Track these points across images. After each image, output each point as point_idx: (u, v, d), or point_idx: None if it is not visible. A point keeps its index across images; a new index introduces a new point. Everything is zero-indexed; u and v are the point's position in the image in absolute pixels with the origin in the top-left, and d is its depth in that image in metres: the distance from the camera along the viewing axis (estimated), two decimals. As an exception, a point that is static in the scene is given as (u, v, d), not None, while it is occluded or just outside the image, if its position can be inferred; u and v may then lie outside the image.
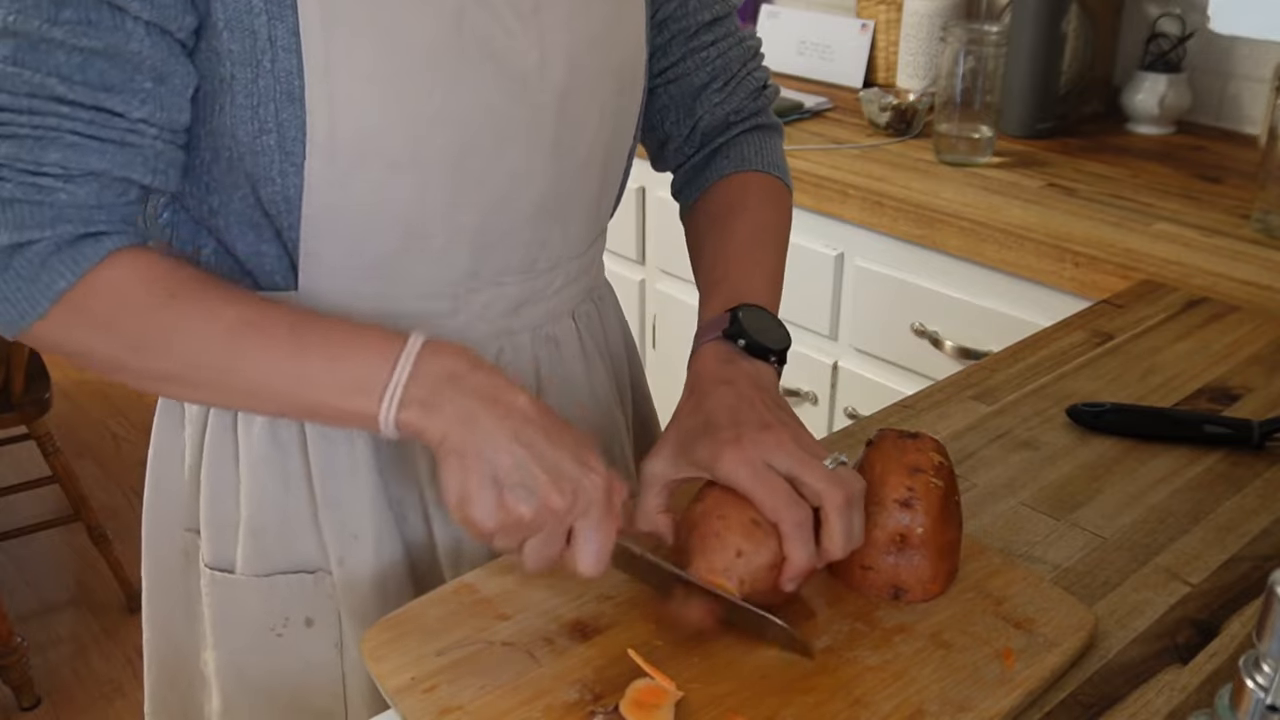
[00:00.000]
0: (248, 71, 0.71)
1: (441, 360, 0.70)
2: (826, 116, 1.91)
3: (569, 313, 0.91)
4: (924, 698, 0.67)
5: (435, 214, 0.78)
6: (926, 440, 0.77)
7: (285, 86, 0.71)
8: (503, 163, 0.79)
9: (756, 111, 0.97)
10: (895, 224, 1.56)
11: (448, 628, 0.73)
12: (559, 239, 0.86)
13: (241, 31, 0.70)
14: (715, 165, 0.96)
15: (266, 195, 0.75)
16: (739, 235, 0.91)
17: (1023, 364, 1.09)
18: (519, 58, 0.77)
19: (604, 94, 0.84)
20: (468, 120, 0.76)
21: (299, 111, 0.72)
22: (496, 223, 0.81)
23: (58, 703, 2.17)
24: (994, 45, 1.65)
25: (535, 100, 0.79)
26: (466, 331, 0.84)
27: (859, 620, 0.74)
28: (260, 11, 0.70)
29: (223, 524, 0.86)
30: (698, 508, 0.72)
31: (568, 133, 0.82)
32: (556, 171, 0.82)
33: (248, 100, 0.72)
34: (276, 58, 0.71)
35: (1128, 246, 1.37)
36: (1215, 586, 0.79)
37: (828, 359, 1.73)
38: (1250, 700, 0.54)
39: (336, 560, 0.84)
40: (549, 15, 0.78)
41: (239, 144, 0.73)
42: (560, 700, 0.67)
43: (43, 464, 2.31)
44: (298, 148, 0.73)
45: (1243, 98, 1.81)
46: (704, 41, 0.93)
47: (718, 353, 0.80)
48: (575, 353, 0.92)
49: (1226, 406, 1.02)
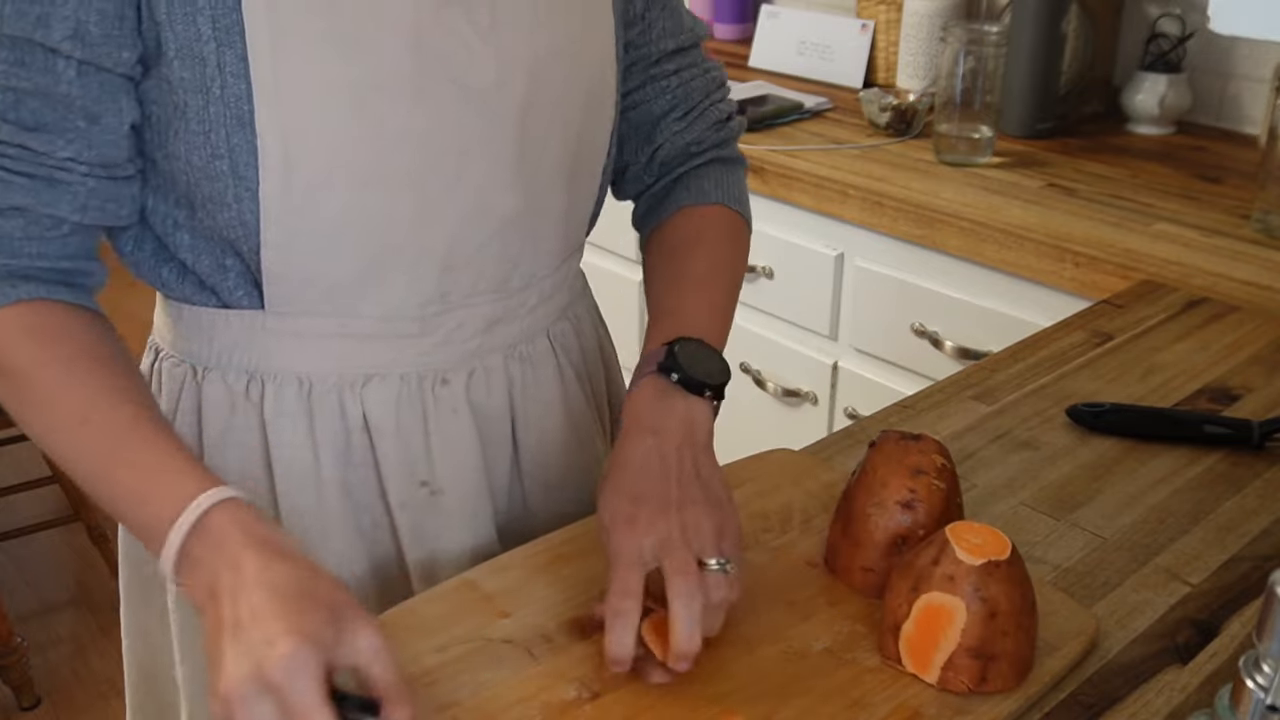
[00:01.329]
0: (198, 99, 0.71)
1: (221, 532, 0.65)
2: (826, 116, 1.91)
3: (544, 331, 0.90)
4: (922, 700, 0.67)
5: (400, 233, 0.78)
6: (929, 442, 0.77)
7: (235, 112, 0.71)
8: (467, 180, 0.79)
9: (719, 144, 0.95)
10: (895, 224, 1.55)
11: (448, 624, 0.73)
12: (530, 256, 0.85)
13: (191, 59, 0.71)
14: (674, 196, 0.94)
15: (223, 220, 0.75)
16: (692, 270, 0.89)
17: (1023, 364, 1.09)
18: (478, 74, 0.76)
19: (569, 110, 0.83)
20: (429, 138, 0.76)
21: (249, 136, 0.72)
22: (464, 240, 0.80)
23: (58, 703, 2.17)
24: (994, 45, 1.65)
25: (495, 115, 0.78)
26: (434, 354, 0.83)
27: (858, 622, 0.74)
28: (209, 39, 0.70)
29: None
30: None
31: (532, 148, 0.81)
32: (523, 187, 0.81)
33: (199, 126, 0.72)
34: (225, 84, 0.71)
35: (1128, 246, 1.37)
36: (1215, 586, 0.79)
37: (828, 359, 1.73)
38: (1250, 700, 0.54)
39: None
40: (508, 30, 0.77)
41: (193, 169, 0.74)
42: (558, 698, 0.67)
43: (43, 464, 2.31)
44: (251, 172, 0.73)
45: (1243, 98, 1.81)
46: (665, 70, 0.92)
47: (654, 389, 0.78)
48: (551, 374, 0.90)
49: (1226, 406, 1.02)
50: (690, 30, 0.93)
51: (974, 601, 0.66)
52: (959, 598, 0.66)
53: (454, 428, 0.85)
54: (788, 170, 1.67)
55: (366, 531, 0.85)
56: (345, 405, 0.82)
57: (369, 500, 0.84)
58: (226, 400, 0.82)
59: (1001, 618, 0.66)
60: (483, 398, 0.86)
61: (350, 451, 0.83)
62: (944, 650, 0.67)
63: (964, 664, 0.67)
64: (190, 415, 0.83)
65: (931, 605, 0.67)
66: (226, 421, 0.82)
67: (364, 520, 0.85)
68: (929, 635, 0.67)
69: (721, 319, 0.88)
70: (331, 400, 0.82)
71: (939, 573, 0.67)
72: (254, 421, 0.82)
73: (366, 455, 0.83)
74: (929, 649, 0.67)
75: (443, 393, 0.84)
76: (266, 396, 0.82)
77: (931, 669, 0.68)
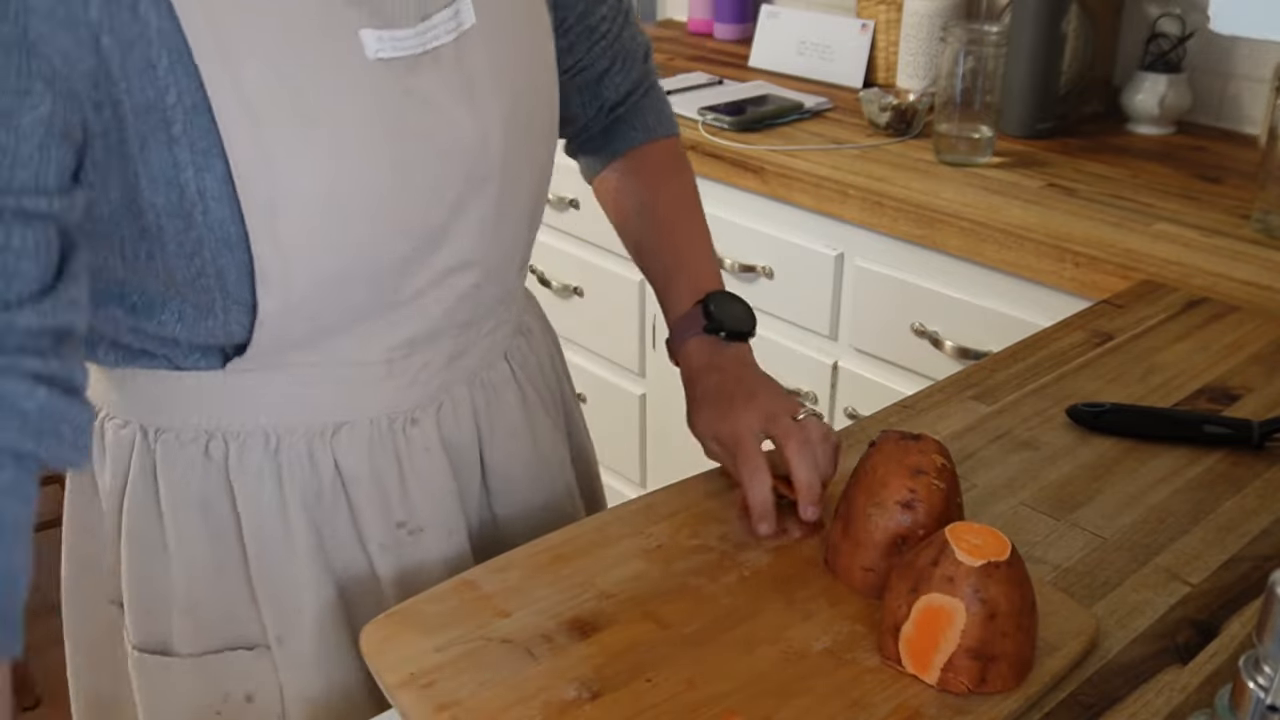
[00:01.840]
0: (177, 222, 0.69)
1: None
2: (826, 116, 1.91)
3: (502, 354, 0.90)
4: (922, 700, 0.67)
5: (376, 305, 0.77)
6: (929, 442, 0.77)
7: (220, 234, 0.69)
8: (450, 246, 0.78)
9: (647, 74, 1.02)
10: (895, 224, 1.55)
11: (447, 624, 0.73)
12: (492, 291, 0.85)
13: (166, 185, 0.67)
14: (621, 134, 1.01)
15: (208, 326, 0.73)
16: (674, 214, 0.99)
17: (1023, 364, 1.09)
18: (457, 138, 0.75)
19: (535, 145, 0.83)
20: (417, 218, 0.75)
21: (240, 256, 0.70)
22: (437, 294, 0.80)
23: (57, 703, 2.17)
24: (994, 45, 1.65)
25: (478, 175, 0.77)
26: (403, 395, 0.82)
27: (858, 622, 0.73)
28: (187, 165, 0.67)
29: (151, 605, 0.83)
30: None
31: (509, 200, 0.81)
32: (495, 236, 0.81)
33: (180, 250, 0.70)
34: (208, 209, 0.68)
35: (1128, 246, 1.37)
36: (1215, 586, 0.79)
37: (828, 359, 1.73)
38: (1250, 700, 0.54)
39: (276, 639, 0.82)
40: (479, 85, 0.76)
41: (176, 281, 0.71)
42: (558, 698, 0.67)
43: (42, 463, 2.31)
44: (242, 290, 0.71)
45: (1243, 98, 1.81)
46: (601, 33, 0.96)
47: (702, 345, 0.92)
48: (513, 395, 0.91)
49: (1226, 406, 1.02)
50: None
51: (973, 603, 0.66)
52: (958, 599, 0.66)
53: (428, 466, 0.84)
54: (788, 170, 1.67)
55: (340, 573, 0.83)
56: (315, 456, 0.80)
57: (345, 548, 0.83)
58: (185, 462, 0.79)
59: (1001, 619, 0.66)
60: (452, 431, 0.85)
61: (322, 503, 0.81)
62: (944, 651, 0.67)
63: (964, 665, 0.67)
64: (144, 479, 0.80)
65: (931, 606, 0.67)
66: (186, 484, 0.79)
67: (337, 565, 0.83)
68: (929, 636, 0.67)
69: (714, 256, 1.00)
70: (300, 452, 0.80)
71: (938, 574, 0.67)
72: (218, 481, 0.79)
73: (340, 504, 0.81)
74: (929, 650, 0.67)
75: (414, 432, 0.83)
76: (231, 454, 0.79)
77: (931, 670, 0.68)
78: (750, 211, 1.77)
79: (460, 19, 0.75)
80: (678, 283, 0.96)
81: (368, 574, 0.84)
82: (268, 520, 0.80)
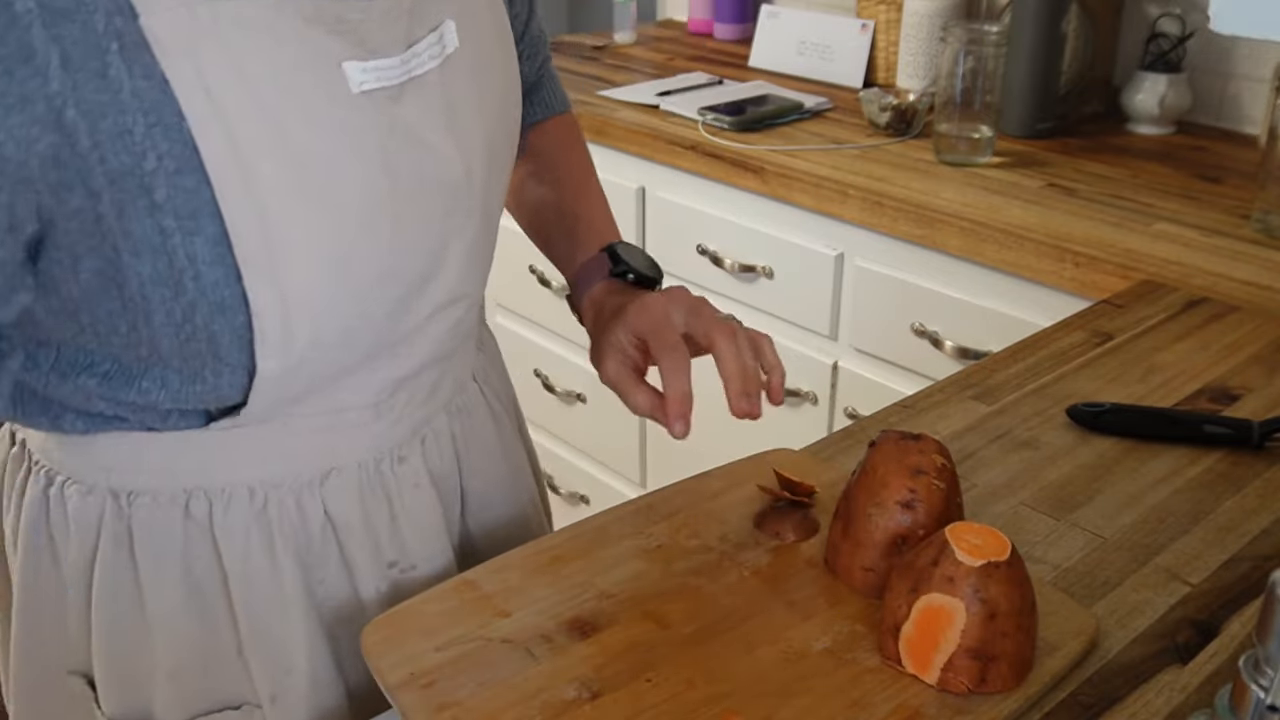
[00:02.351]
0: (165, 290, 0.64)
1: None
2: (826, 116, 1.91)
3: (470, 375, 0.89)
4: (922, 700, 0.67)
5: (375, 353, 0.75)
6: (928, 442, 0.77)
7: (214, 298, 0.65)
8: (441, 286, 0.77)
9: (548, 57, 1.03)
10: (895, 224, 1.55)
11: (447, 624, 0.73)
12: (473, 318, 0.85)
13: (153, 254, 0.63)
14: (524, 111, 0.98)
15: (192, 391, 0.70)
16: (576, 180, 0.99)
17: (1023, 364, 1.09)
18: (446, 171, 0.74)
19: (505, 168, 0.83)
20: (413, 259, 0.73)
21: (235, 318, 0.66)
22: (429, 336, 0.79)
23: None
24: (994, 45, 1.65)
25: (465, 209, 0.76)
26: (389, 434, 0.81)
27: (858, 621, 0.73)
28: (173, 231, 0.62)
29: (129, 673, 0.79)
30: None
31: (487, 229, 0.80)
32: (480, 265, 0.81)
33: (168, 318, 0.65)
34: (200, 274, 0.64)
35: (1128, 246, 1.37)
36: (1215, 586, 0.79)
37: (828, 359, 1.73)
38: (1250, 700, 0.54)
39: (269, 697, 0.79)
40: (460, 112, 0.74)
41: (161, 350, 0.67)
42: (558, 698, 0.67)
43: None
44: (235, 353, 0.67)
45: (1243, 98, 1.81)
46: (531, 33, 0.98)
47: (609, 290, 0.89)
48: (484, 415, 0.90)
49: (1226, 406, 1.02)
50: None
51: (974, 603, 0.66)
52: (958, 599, 0.66)
53: (417, 502, 0.83)
54: (788, 170, 1.67)
55: (331, 623, 0.81)
56: (304, 506, 0.77)
57: (336, 596, 0.81)
58: (165, 525, 0.75)
59: (1001, 619, 0.66)
60: (436, 462, 0.85)
61: (312, 552, 0.79)
62: (944, 651, 0.67)
63: (964, 665, 0.67)
64: (116, 547, 0.75)
65: (931, 606, 0.67)
66: (167, 548, 0.75)
67: (328, 614, 0.81)
68: (929, 636, 0.67)
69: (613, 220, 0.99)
70: (289, 504, 0.77)
71: (938, 574, 0.67)
72: (202, 541, 0.76)
73: (331, 552, 0.79)
74: (929, 650, 0.67)
75: (402, 470, 0.82)
76: (215, 512, 0.75)
77: (931, 670, 0.68)
78: (750, 211, 1.77)
79: (445, 43, 0.73)
80: (582, 237, 0.94)
81: (360, 619, 0.80)
82: (257, 576, 0.77)
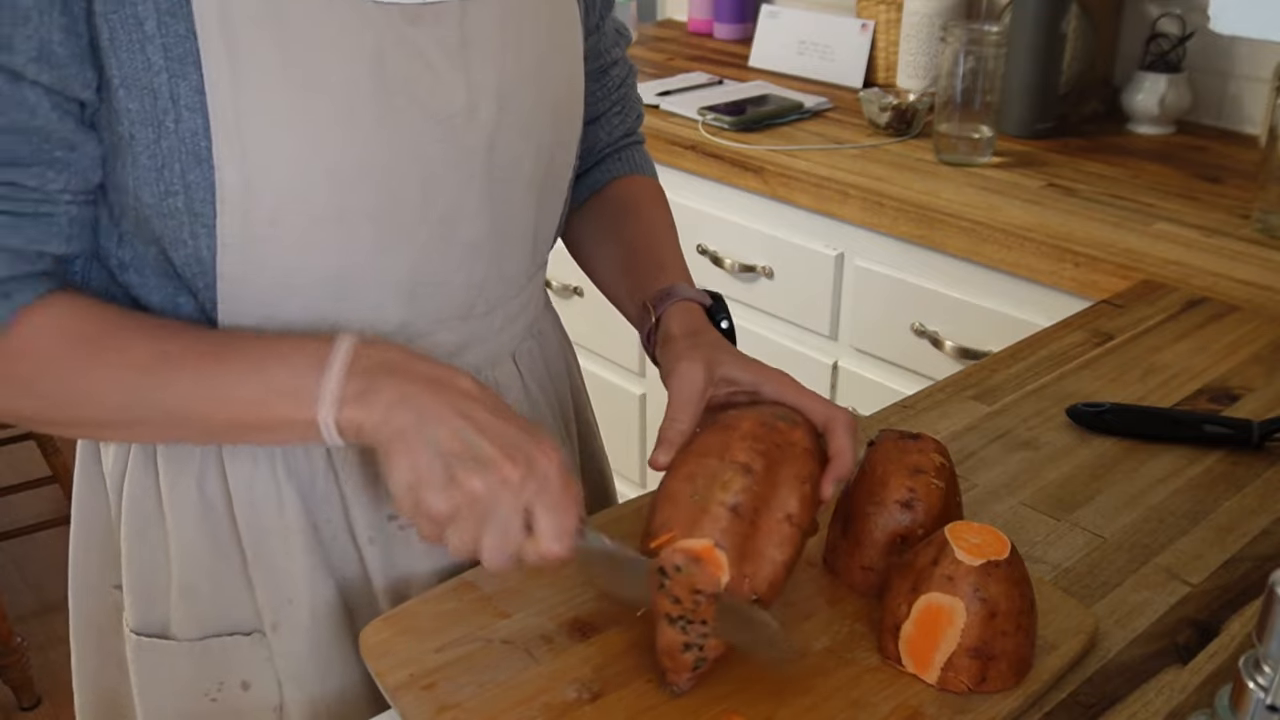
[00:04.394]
0: (149, 132, 0.67)
1: (375, 353, 0.69)
2: (826, 116, 1.91)
3: (510, 354, 0.89)
4: (922, 700, 0.67)
5: (362, 267, 0.75)
6: (928, 441, 0.77)
7: (191, 147, 0.67)
8: (432, 209, 0.76)
9: (639, 130, 1.04)
10: (895, 224, 1.55)
11: (447, 625, 0.73)
12: (496, 279, 0.83)
13: (139, 90, 0.66)
14: (607, 167, 1.00)
15: (179, 257, 0.72)
16: (659, 225, 0.97)
17: (1023, 364, 1.09)
18: (445, 100, 0.74)
19: (538, 130, 0.81)
20: (393, 168, 0.73)
21: (207, 172, 0.68)
22: (427, 270, 0.78)
23: (58, 703, 2.17)
24: (994, 45, 1.65)
25: (464, 143, 0.76)
26: None
27: (858, 621, 0.73)
28: (160, 69, 0.66)
29: (149, 587, 0.83)
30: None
31: (500, 172, 0.79)
32: (490, 212, 0.80)
33: (151, 162, 0.68)
34: (180, 117, 0.67)
35: (1128, 246, 1.37)
36: (1215, 586, 0.79)
37: (828, 359, 1.73)
38: (1250, 700, 0.54)
39: (270, 625, 0.82)
40: (477, 51, 0.75)
41: (144, 205, 0.70)
42: (558, 699, 0.67)
43: (43, 464, 2.31)
44: (207, 209, 0.69)
45: (1243, 98, 1.81)
46: (613, 75, 0.98)
47: (694, 311, 0.85)
48: (519, 397, 0.90)
49: (1226, 406, 1.02)
50: (627, 34, 1.00)
51: (973, 602, 0.66)
52: (958, 598, 0.66)
53: None
54: (788, 170, 1.67)
55: (335, 567, 0.83)
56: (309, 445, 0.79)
57: (338, 540, 0.82)
58: (182, 445, 0.79)
59: (1001, 618, 0.66)
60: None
61: (315, 490, 0.80)
62: (944, 650, 0.67)
63: (964, 664, 0.67)
64: (144, 463, 0.80)
65: (931, 605, 0.67)
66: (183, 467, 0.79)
67: (333, 558, 0.82)
68: (929, 635, 0.67)
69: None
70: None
71: (938, 573, 0.67)
72: (213, 465, 0.79)
73: (332, 494, 0.81)
74: (929, 649, 0.67)
75: None
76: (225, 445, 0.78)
77: (931, 669, 0.68)
78: (750, 211, 1.77)
79: None
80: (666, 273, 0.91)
81: (360, 570, 0.83)
82: (262, 504, 0.79)
